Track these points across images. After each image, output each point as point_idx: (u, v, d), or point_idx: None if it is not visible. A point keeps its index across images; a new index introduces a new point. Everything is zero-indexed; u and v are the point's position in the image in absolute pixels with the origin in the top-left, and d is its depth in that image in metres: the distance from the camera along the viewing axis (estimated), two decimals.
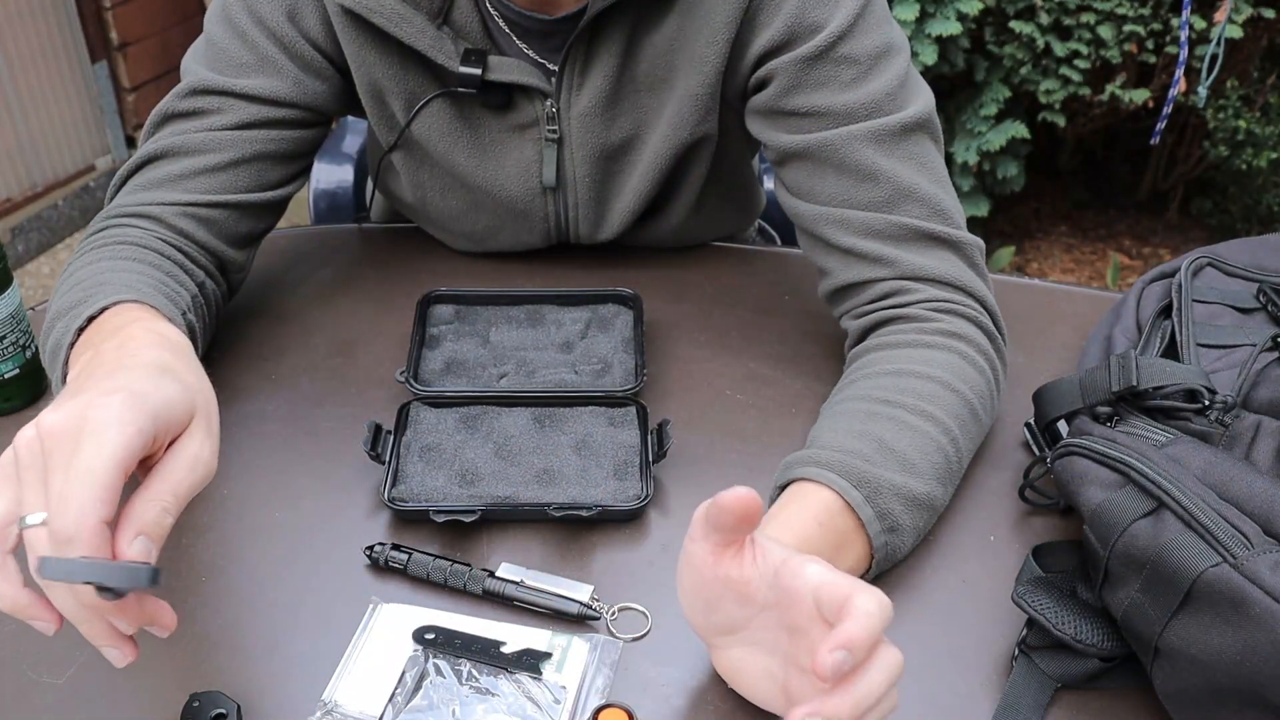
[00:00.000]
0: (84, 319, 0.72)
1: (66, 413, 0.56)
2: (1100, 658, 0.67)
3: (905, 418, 0.76)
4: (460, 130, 0.98)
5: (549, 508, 0.77)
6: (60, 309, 0.77)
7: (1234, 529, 0.60)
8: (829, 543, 0.70)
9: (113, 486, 0.54)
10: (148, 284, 0.79)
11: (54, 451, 0.55)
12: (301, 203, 1.01)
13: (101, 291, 0.75)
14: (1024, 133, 2.44)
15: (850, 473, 0.72)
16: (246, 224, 0.94)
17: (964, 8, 2.28)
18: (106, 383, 0.59)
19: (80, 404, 0.57)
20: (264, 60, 0.91)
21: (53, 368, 0.76)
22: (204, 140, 0.90)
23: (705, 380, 0.94)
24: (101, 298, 0.74)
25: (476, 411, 0.87)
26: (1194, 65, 2.33)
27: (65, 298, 0.78)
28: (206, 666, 0.68)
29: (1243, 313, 0.84)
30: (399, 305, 1.01)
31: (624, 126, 0.97)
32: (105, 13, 2.92)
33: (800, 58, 0.87)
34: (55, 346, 0.75)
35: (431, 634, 0.69)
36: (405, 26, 0.90)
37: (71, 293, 0.78)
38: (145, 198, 0.89)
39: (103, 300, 0.74)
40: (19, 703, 0.66)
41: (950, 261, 0.86)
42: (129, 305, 0.74)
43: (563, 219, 1.04)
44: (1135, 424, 0.71)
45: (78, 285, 0.79)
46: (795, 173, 0.90)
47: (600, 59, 0.93)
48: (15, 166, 2.81)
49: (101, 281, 0.78)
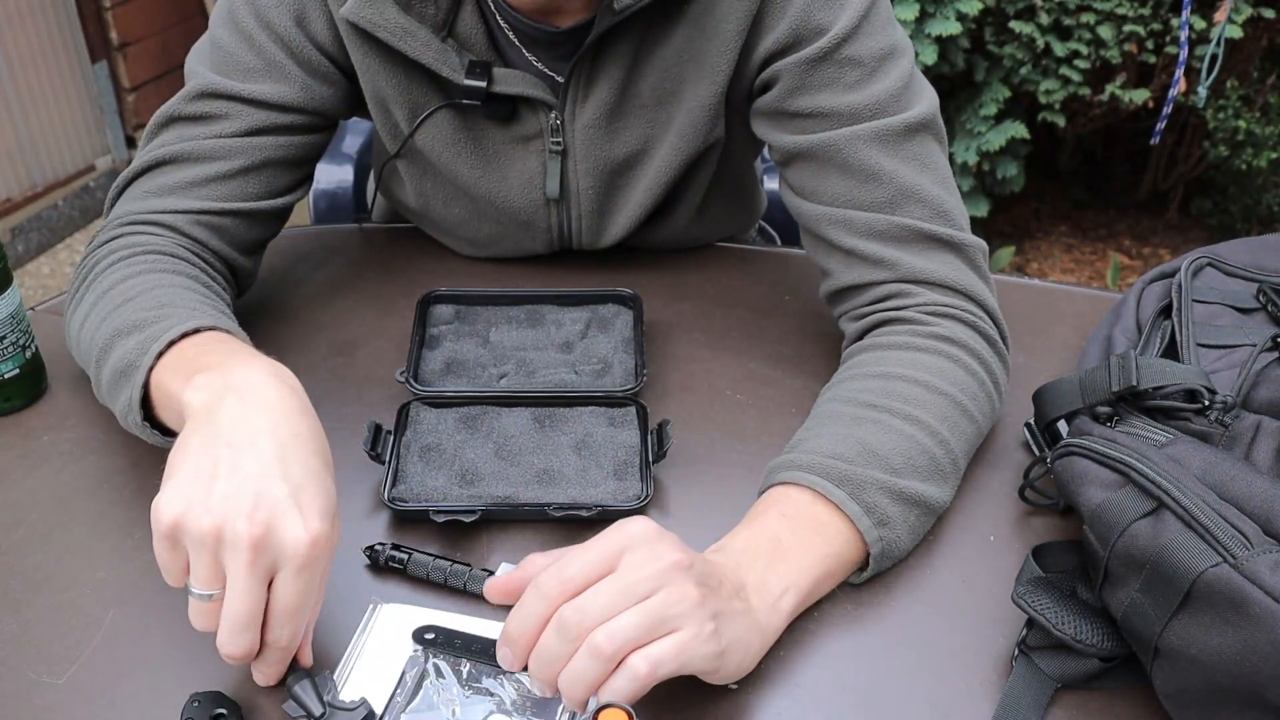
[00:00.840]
0: (164, 343, 0.73)
1: (312, 536, 0.61)
2: (1100, 658, 0.67)
3: (889, 421, 0.76)
4: (464, 141, 0.98)
5: (549, 508, 0.77)
6: (120, 327, 0.77)
7: (1234, 529, 0.60)
8: (798, 528, 0.70)
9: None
10: (210, 307, 0.80)
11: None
12: (301, 203, 1.01)
13: (172, 314, 0.76)
14: (1024, 133, 2.44)
15: (831, 473, 0.72)
16: (256, 231, 0.94)
17: (964, 8, 2.28)
18: (322, 511, 0.63)
19: (322, 524, 0.62)
20: (271, 65, 0.91)
21: (118, 386, 0.76)
22: (214, 147, 0.90)
23: (705, 380, 0.94)
24: (176, 320, 0.75)
25: (476, 411, 0.87)
26: (1194, 65, 2.33)
27: (123, 315, 0.78)
28: (206, 666, 0.68)
29: (1243, 313, 0.84)
30: (399, 305, 1.01)
31: (629, 140, 0.97)
32: (105, 13, 2.92)
33: (805, 59, 0.87)
34: (126, 367, 0.75)
35: (431, 634, 0.69)
36: (410, 41, 0.90)
37: (126, 310, 0.78)
38: (157, 204, 0.89)
39: (180, 325, 0.74)
40: (19, 703, 0.66)
41: (952, 264, 0.86)
42: (217, 333, 0.75)
43: (565, 229, 1.04)
44: (1135, 424, 0.71)
45: (130, 302, 0.79)
46: (799, 173, 0.90)
47: (607, 72, 0.92)
48: (15, 166, 2.81)
49: (164, 302, 0.78)
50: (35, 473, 0.83)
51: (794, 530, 0.70)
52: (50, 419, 0.89)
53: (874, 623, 0.72)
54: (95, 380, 0.80)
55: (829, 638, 0.71)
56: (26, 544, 0.77)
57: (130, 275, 0.83)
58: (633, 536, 0.62)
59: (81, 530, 0.78)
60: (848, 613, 0.73)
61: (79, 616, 0.72)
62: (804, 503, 0.71)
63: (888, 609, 0.73)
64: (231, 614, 0.61)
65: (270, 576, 0.61)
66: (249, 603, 0.60)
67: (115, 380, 0.76)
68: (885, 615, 0.73)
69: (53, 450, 0.86)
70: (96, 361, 0.79)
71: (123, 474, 0.83)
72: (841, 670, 0.69)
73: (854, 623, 0.72)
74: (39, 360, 0.90)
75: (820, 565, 0.70)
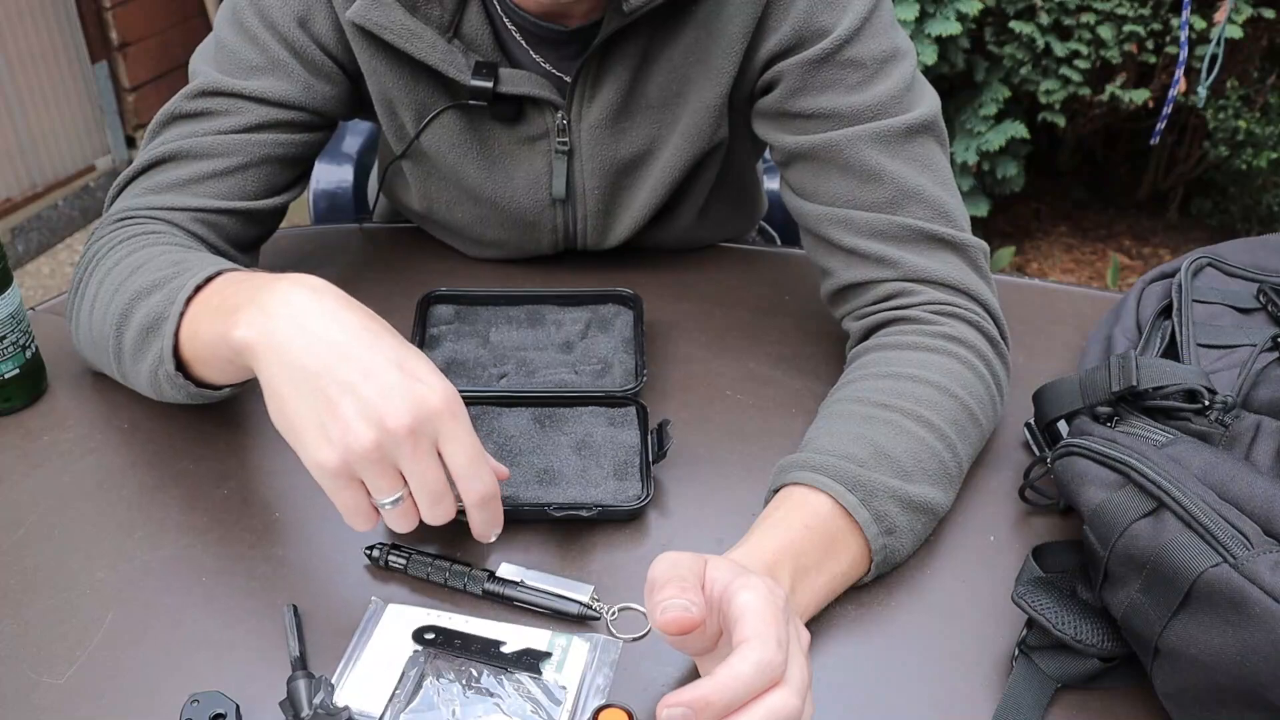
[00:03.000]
0: (191, 288, 0.74)
1: (441, 389, 0.65)
2: (1100, 658, 0.67)
3: (901, 422, 0.76)
4: (470, 142, 0.98)
5: (549, 508, 0.77)
6: (139, 289, 0.77)
7: (1234, 529, 0.60)
8: (817, 545, 0.70)
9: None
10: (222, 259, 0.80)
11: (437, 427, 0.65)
12: (301, 203, 1.01)
13: (189, 268, 0.76)
14: (1024, 133, 2.44)
15: (845, 477, 0.72)
16: (253, 229, 0.95)
17: (964, 8, 2.28)
18: (428, 368, 0.67)
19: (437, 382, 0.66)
20: (274, 63, 0.91)
21: (145, 343, 0.76)
22: (212, 144, 0.90)
23: (705, 380, 0.94)
24: (196, 270, 0.75)
25: (476, 411, 0.87)
26: (1194, 65, 2.33)
27: (138, 280, 0.78)
28: (206, 667, 0.68)
29: (1243, 313, 0.84)
30: (399, 305, 1.01)
31: (635, 140, 0.97)
32: (105, 13, 2.92)
33: (807, 60, 0.87)
34: (154, 321, 0.75)
35: (431, 634, 0.69)
36: (415, 42, 0.90)
37: (140, 275, 0.78)
38: (155, 201, 0.89)
39: (202, 271, 0.75)
40: (19, 703, 0.66)
41: (953, 264, 0.86)
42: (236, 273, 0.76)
43: (571, 229, 1.04)
44: (1135, 424, 0.71)
45: (142, 269, 0.79)
46: (800, 173, 0.90)
47: (614, 72, 0.92)
48: (15, 166, 2.81)
49: (178, 260, 0.79)
50: (35, 473, 0.83)
51: (813, 545, 0.70)
52: (50, 419, 0.89)
53: (874, 623, 0.72)
54: (116, 350, 0.80)
55: (829, 638, 0.71)
56: (26, 544, 0.77)
57: (135, 250, 0.83)
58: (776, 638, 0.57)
59: (81, 530, 0.78)
60: (848, 613, 0.73)
61: (79, 616, 0.72)
62: (825, 514, 0.71)
63: (888, 609, 0.73)
64: (426, 493, 0.66)
65: (435, 446, 0.66)
66: (433, 476, 0.66)
67: (141, 338, 0.77)
68: (885, 615, 0.73)
69: (53, 450, 0.86)
70: (117, 328, 0.79)
71: (123, 474, 0.83)
72: (842, 670, 0.69)
73: (854, 623, 0.72)
74: (39, 360, 0.90)
75: (828, 587, 0.71)
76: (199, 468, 0.84)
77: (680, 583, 0.59)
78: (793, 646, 0.58)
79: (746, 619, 0.57)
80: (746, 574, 0.60)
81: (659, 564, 0.61)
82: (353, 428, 0.64)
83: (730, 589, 0.59)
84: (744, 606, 0.57)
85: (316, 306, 0.68)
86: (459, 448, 0.66)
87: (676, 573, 0.60)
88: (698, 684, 0.55)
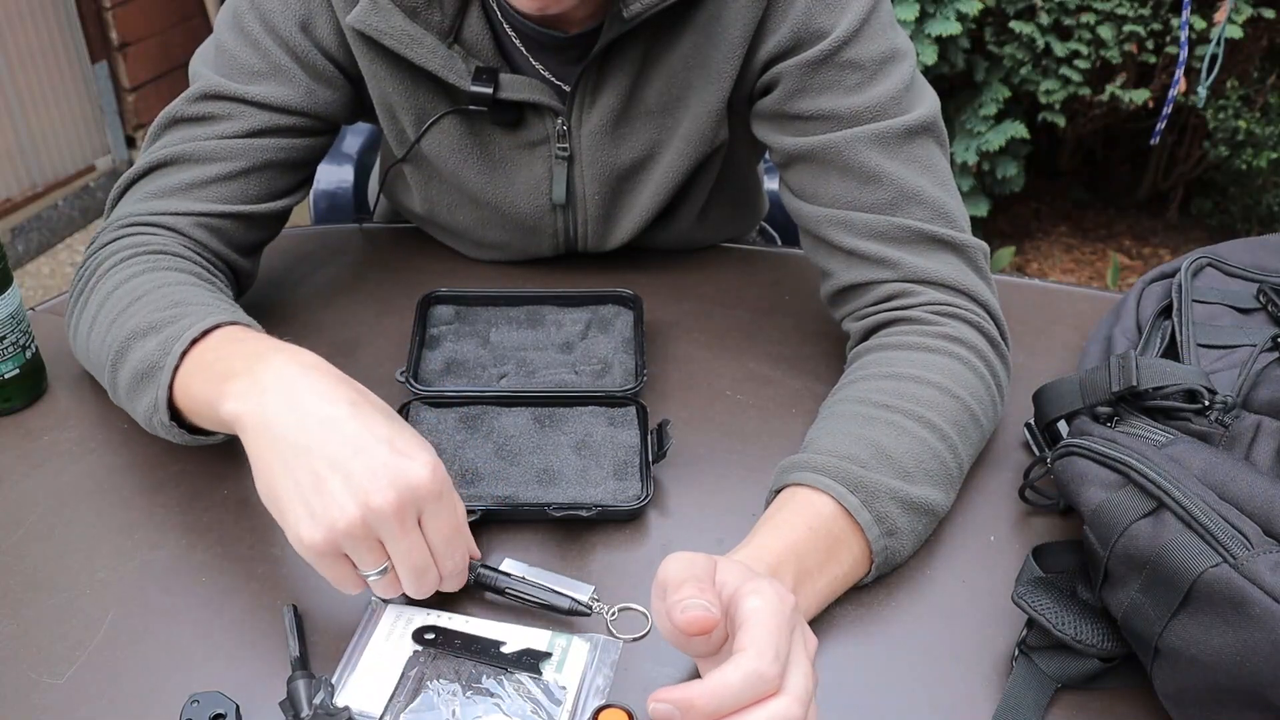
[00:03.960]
0: (187, 341, 0.74)
1: (430, 467, 0.66)
2: (1100, 658, 0.67)
3: (903, 423, 0.76)
4: (470, 147, 0.98)
5: (549, 508, 0.77)
6: (135, 329, 0.77)
7: (1234, 529, 0.60)
8: (820, 546, 0.70)
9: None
10: (222, 302, 0.81)
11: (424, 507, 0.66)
12: (302, 203, 1.01)
13: (187, 313, 0.76)
14: (1023, 133, 2.44)
15: (846, 478, 0.72)
16: (255, 233, 0.95)
17: (964, 8, 2.28)
18: (418, 444, 0.67)
19: (427, 458, 0.66)
20: (275, 68, 0.91)
21: (139, 389, 0.76)
22: (215, 148, 0.90)
23: (705, 380, 0.94)
24: (193, 319, 0.75)
25: (476, 411, 0.87)
26: (1194, 65, 2.33)
27: (134, 316, 0.78)
28: (206, 666, 0.68)
29: (1243, 313, 0.84)
30: (399, 305, 1.01)
31: (635, 146, 0.97)
32: (105, 13, 2.92)
33: (806, 62, 0.87)
34: (148, 369, 0.75)
35: (431, 634, 0.69)
36: (416, 48, 0.90)
37: (137, 311, 0.78)
38: (158, 206, 0.89)
39: (199, 323, 0.75)
40: (19, 703, 0.66)
41: (953, 265, 0.86)
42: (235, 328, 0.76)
43: (571, 233, 1.04)
44: (1135, 424, 0.71)
45: (139, 301, 0.79)
46: (799, 175, 0.90)
47: (614, 78, 0.92)
48: (15, 166, 2.81)
49: (177, 301, 0.79)
50: (35, 473, 0.83)
51: (815, 547, 0.70)
52: (50, 419, 0.89)
53: (874, 623, 0.72)
54: (111, 383, 0.80)
55: (830, 638, 0.71)
56: (26, 544, 0.77)
57: (135, 274, 0.83)
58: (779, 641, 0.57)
59: (81, 530, 0.78)
60: (848, 613, 0.73)
61: (79, 616, 0.72)
62: (827, 515, 0.71)
63: (888, 609, 0.73)
64: (409, 568, 0.67)
65: (418, 523, 0.66)
66: (417, 553, 0.66)
67: (135, 383, 0.77)
68: (885, 616, 0.73)
69: (53, 450, 0.86)
70: (112, 365, 0.79)
71: (123, 474, 0.83)
72: (842, 670, 0.69)
73: (854, 623, 0.72)
74: (39, 360, 0.90)
75: (829, 588, 0.71)
76: (199, 468, 0.84)
77: (697, 582, 0.59)
78: (797, 654, 0.58)
79: (749, 627, 0.57)
80: (756, 578, 0.60)
81: (671, 564, 0.61)
82: (338, 505, 0.64)
83: (739, 593, 0.59)
84: (750, 613, 0.57)
85: (307, 383, 0.68)
86: (439, 525, 0.67)
87: (692, 572, 0.60)
88: (688, 685, 0.55)
